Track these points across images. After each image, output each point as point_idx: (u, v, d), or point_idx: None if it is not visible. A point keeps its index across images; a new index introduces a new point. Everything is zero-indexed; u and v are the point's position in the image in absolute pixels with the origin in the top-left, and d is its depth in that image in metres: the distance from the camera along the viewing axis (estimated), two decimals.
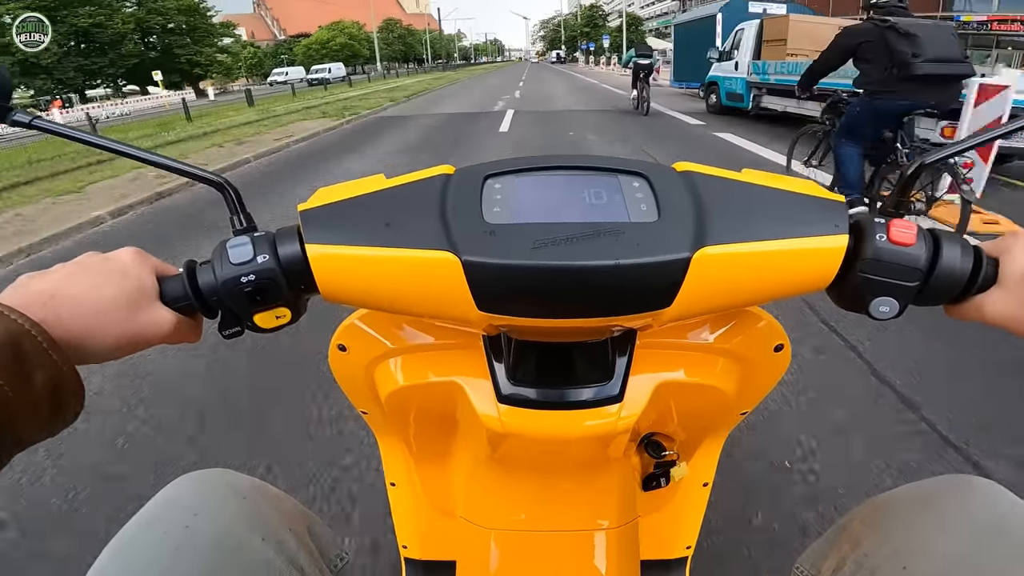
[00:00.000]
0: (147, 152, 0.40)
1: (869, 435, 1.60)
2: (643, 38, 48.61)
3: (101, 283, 0.34)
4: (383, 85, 24.94)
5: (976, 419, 1.64)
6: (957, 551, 0.42)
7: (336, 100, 15.55)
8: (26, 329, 0.30)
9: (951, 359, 1.97)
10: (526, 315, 0.36)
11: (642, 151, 6.28)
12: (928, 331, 2.12)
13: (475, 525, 0.54)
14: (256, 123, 10.61)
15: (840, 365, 1.99)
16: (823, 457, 1.53)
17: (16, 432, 0.29)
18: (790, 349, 0.52)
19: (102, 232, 4.36)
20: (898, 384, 1.84)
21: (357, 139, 8.58)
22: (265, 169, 6.49)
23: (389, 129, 9.52)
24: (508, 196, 0.37)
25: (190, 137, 9.07)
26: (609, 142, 7.02)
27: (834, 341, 2.15)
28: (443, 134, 8.53)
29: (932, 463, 1.48)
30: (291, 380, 2.01)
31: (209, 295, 0.38)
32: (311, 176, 5.82)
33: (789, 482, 1.44)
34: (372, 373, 0.53)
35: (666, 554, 0.72)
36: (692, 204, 0.36)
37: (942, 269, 0.36)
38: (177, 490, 0.49)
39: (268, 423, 1.77)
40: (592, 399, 0.44)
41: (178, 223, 4.39)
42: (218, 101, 24.69)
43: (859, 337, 2.14)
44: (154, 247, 3.25)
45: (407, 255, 0.35)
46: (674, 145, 6.69)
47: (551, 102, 13.12)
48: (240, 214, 0.41)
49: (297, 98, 17.76)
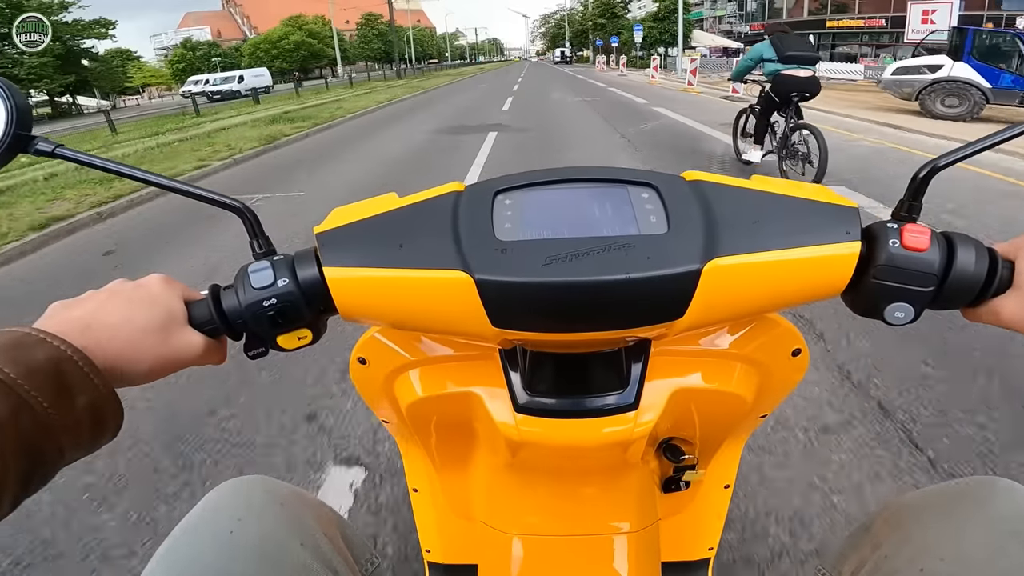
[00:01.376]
0: (165, 178, 0.41)
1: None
2: (689, 31, 36.22)
3: (134, 310, 0.36)
4: (315, 99, 18.15)
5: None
6: (976, 553, 0.42)
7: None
8: (68, 355, 0.31)
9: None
10: (539, 330, 0.37)
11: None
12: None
13: (496, 530, 0.55)
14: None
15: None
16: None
17: (60, 449, 0.31)
18: (808, 354, 0.52)
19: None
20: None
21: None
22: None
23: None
24: (518, 212, 0.38)
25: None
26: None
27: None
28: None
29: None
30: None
31: (234, 319, 0.39)
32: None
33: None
34: (392, 385, 0.54)
35: (688, 556, 0.72)
36: (702, 214, 0.36)
37: (957, 273, 0.36)
38: (219, 496, 0.52)
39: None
40: (608, 407, 0.45)
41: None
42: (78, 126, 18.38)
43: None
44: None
45: (421, 275, 0.35)
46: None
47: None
48: (259, 238, 0.42)
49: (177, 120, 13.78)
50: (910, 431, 1.65)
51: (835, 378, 1.94)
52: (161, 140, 10.15)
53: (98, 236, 4.63)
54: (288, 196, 5.29)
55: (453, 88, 21.93)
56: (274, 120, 11.81)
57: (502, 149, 7.03)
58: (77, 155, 0.40)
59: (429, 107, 14.23)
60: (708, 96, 12.99)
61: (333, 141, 9.18)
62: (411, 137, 8.68)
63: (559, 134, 8.23)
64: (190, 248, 3.93)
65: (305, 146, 8.86)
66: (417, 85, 23.60)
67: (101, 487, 1.62)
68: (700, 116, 9.10)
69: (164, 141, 9.91)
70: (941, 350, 2.05)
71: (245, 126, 11.18)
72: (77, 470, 1.63)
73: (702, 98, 12.62)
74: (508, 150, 6.96)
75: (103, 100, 34.07)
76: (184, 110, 18.49)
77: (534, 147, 7.09)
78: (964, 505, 0.47)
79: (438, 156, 6.96)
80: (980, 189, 4.27)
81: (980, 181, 4.50)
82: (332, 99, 17.76)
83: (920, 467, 1.52)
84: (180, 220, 4.69)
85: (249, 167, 7.36)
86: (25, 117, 0.38)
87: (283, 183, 5.88)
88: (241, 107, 17.81)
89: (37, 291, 3.46)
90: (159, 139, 10.35)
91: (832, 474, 1.51)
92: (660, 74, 19.99)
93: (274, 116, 12.57)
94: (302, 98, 19.81)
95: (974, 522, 0.44)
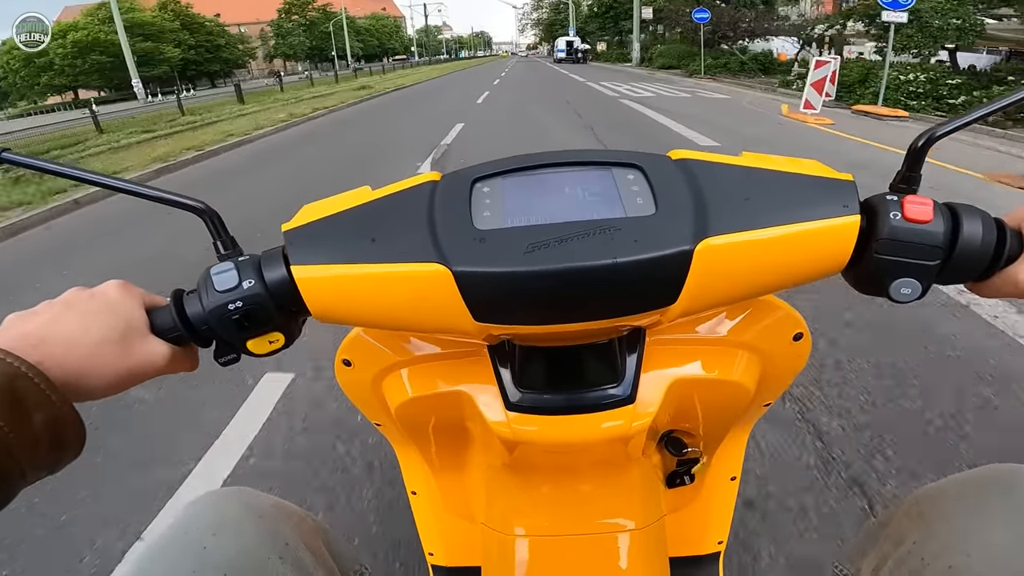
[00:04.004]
0: (122, 180, 0.40)
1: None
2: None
3: (90, 322, 0.34)
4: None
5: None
6: (1005, 546, 0.40)
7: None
8: (23, 372, 0.30)
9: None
10: (525, 322, 0.35)
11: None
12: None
13: (497, 532, 0.54)
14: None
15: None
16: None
17: (21, 470, 0.30)
18: (810, 338, 0.50)
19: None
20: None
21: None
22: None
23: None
24: (498, 199, 0.36)
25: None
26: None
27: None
28: None
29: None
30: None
31: (199, 324, 0.37)
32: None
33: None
34: (380, 386, 0.52)
35: (696, 550, 0.71)
36: (691, 193, 0.35)
37: (964, 245, 0.34)
38: (196, 510, 0.50)
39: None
40: (603, 401, 0.43)
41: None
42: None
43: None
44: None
45: (395, 270, 0.34)
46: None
47: None
48: (222, 238, 0.40)
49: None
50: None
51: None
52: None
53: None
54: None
55: (375, 111, 12.06)
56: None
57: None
58: (28, 160, 0.39)
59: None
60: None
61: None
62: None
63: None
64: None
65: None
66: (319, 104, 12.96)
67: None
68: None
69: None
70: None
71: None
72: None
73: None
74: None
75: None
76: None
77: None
78: (987, 496, 0.45)
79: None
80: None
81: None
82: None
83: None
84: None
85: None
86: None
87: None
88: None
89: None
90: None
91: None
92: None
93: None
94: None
95: (1000, 513, 0.43)
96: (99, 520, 1.43)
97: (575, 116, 8.93)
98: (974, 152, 5.44)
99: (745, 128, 7.39)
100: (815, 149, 5.67)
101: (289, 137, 9.10)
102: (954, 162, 4.76)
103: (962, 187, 4.18)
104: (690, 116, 8.35)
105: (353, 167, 6.26)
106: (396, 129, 9.09)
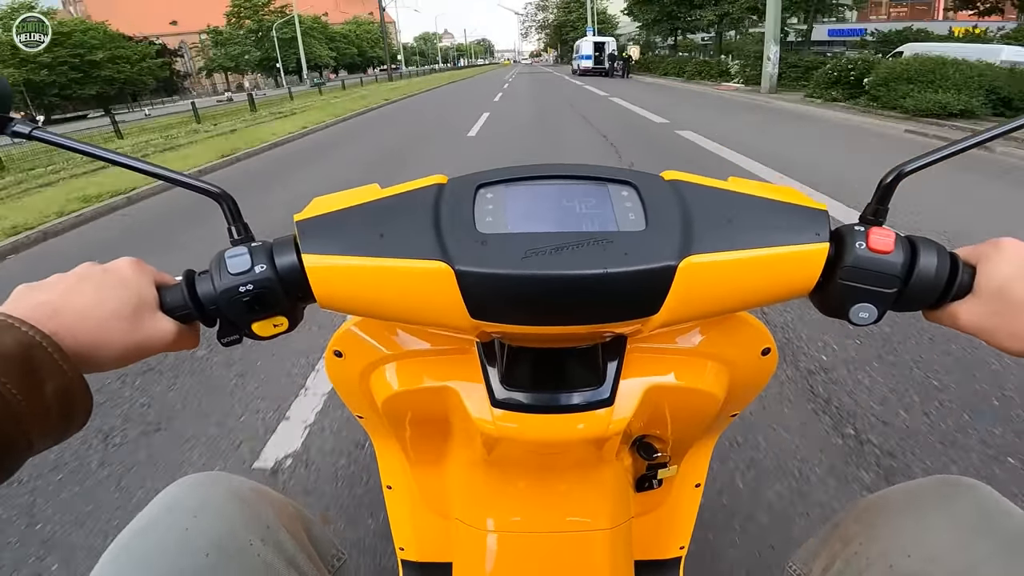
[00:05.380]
0: (144, 162, 0.41)
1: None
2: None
3: (103, 295, 0.35)
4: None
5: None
6: (941, 549, 0.43)
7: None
8: (37, 340, 0.31)
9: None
10: (518, 323, 0.37)
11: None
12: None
13: (470, 527, 0.55)
14: None
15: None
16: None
17: (28, 437, 0.30)
18: (777, 353, 0.53)
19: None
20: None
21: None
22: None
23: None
24: (500, 205, 0.38)
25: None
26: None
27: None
28: None
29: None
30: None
31: (208, 304, 0.38)
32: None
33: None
34: (368, 379, 0.53)
35: (660, 554, 0.73)
36: (679, 213, 0.37)
37: (919, 276, 0.37)
38: (176, 492, 0.50)
39: None
40: (584, 403, 0.45)
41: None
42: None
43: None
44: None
45: (401, 265, 0.35)
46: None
47: None
48: (236, 224, 0.41)
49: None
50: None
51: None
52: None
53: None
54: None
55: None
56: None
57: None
58: (54, 137, 0.40)
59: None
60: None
61: None
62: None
63: None
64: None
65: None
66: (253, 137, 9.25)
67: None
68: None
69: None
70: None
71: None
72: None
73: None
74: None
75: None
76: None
77: None
78: (929, 503, 0.49)
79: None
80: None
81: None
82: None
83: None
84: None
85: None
86: (4, 100, 0.39)
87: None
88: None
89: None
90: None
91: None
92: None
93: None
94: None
95: (939, 519, 0.46)
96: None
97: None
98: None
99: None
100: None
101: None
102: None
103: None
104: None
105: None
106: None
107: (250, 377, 2.13)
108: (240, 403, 1.97)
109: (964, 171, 4.62)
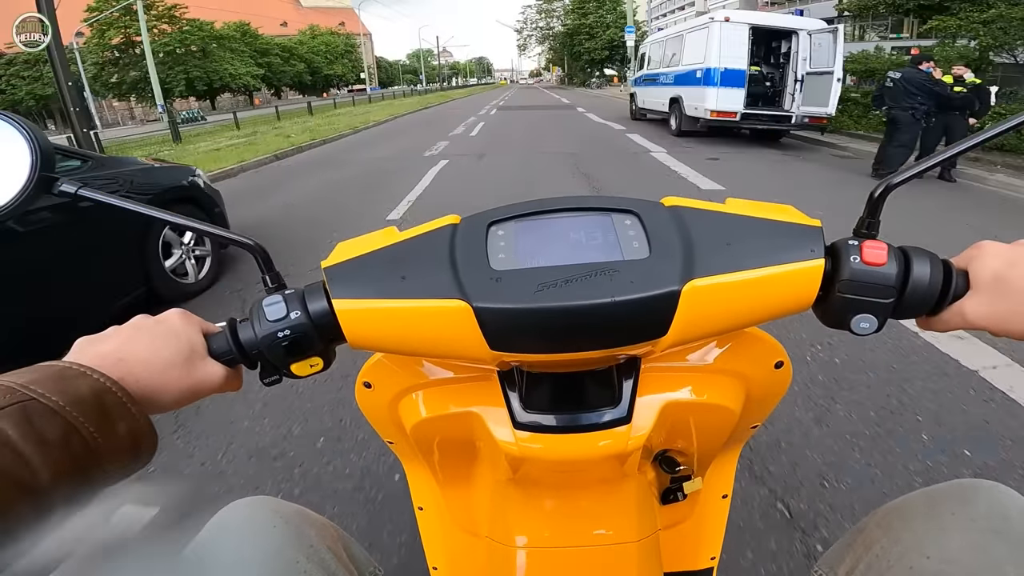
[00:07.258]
0: (183, 218, 0.45)
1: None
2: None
3: (160, 344, 0.39)
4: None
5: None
6: (959, 551, 0.44)
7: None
8: (108, 387, 0.34)
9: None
10: (534, 351, 0.40)
11: None
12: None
13: (501, 544, 0.57)
14: None
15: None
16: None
17: (104, 472, 0.33)
18: (791, 366, 0.54)
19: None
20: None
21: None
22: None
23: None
24: (511, 242, 0.41)
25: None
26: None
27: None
28: None
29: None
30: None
31: (250, 349, 0.42)
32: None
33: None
34: (397, 407, 0.56)
35: (690, 566, 0.73)
36: (680, 238, 0.39)
37: (914, 284, 0.39)
38: (227, 516, 0.54)
39: None
40: (602, 422, 0.47)
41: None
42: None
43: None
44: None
45: (423, 305, 0.38)
46: None
47: None
48: (270, 273, 0.45)
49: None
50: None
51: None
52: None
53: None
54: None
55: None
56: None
57: None
58: (100, 196, 0.43)
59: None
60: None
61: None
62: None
63: None
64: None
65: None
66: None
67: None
68: None
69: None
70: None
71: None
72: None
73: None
74: None
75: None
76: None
77: None
78: (948, 506, 0.49)
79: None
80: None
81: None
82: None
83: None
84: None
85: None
86: (49, 158, 0.40)
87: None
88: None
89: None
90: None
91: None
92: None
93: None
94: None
95: (957, 521, 0.47)
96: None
97: None
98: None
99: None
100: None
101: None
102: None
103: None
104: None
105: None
106: None
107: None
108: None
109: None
